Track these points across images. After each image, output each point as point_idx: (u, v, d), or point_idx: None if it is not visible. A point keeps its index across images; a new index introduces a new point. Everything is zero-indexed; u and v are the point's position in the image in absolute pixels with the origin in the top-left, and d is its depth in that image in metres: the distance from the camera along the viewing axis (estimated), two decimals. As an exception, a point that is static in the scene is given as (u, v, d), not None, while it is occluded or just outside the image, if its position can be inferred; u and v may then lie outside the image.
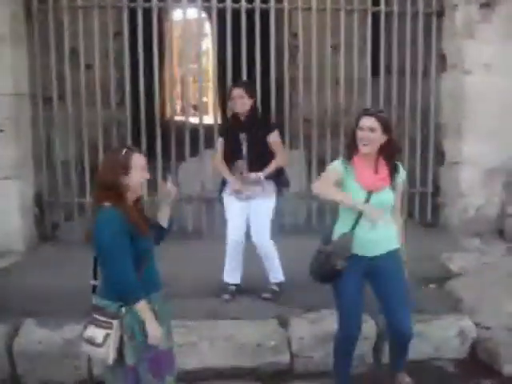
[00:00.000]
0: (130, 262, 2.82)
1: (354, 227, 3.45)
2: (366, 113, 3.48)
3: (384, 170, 3.48)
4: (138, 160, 2.93)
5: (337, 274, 3.46)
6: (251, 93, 4.72)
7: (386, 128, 3.43)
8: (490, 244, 5.78)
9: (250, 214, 4.67)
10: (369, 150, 3.43)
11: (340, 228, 3.52)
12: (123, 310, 2.84)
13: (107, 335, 2.83)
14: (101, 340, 2.83)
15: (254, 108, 4.72)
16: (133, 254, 2.84)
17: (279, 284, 4.74)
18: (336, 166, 3.53)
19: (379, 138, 3.41)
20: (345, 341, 3.64)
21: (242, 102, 4.61)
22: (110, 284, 2.87)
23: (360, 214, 3.41)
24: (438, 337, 4.26)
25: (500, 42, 5.88)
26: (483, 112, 5.90)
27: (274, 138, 4.71)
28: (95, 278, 3.02)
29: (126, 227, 2.82)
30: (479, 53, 5.87)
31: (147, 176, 3.01)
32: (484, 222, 6.07)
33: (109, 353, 2.83)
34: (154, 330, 2.88)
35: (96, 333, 2.85)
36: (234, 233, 4.67)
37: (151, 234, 3.01)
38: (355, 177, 3.46)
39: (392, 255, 3.53)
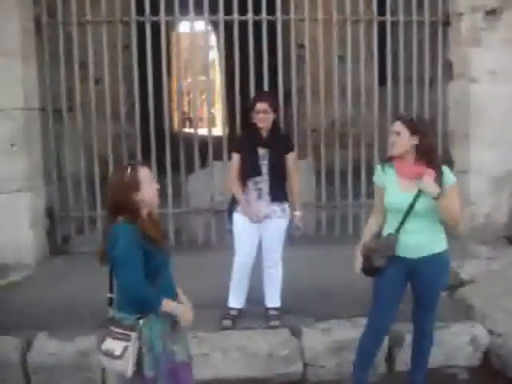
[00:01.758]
0: (142, 274, 2.84)
1: (398, 230, 3.52)
2: (395, 117, 3.63)
3: (428, 172, 3.44)
4: (146, 173, 2.95)
5: (377, 270, 3.56)
6: (275, 106, 4.50)
7: (414, 130, 3.46)
8: (499, 251, 5.77)
9: (263, 232, 4.49)
10: (394, 152, 3.52)
11: (387, 231, 3.59)
12: (141, 321, 2.86)
13: (126, 347, 2.83)
14: (119, 352, 2.83)
15: (276, 123, 4.54)
16: (149, 267, 2.86)
17: (277, 309, 4.57)
18: (376, 175, 3.68)
19: (406, 140, 3.46)
20: (371, 336, 3.69)
21: (266, 117, 4.39)
22: (125, 295, 2.89)
23: (405, 218, 3.48)
24: (451, 344, 4.26)
25: (506, 49, 5.90)
26: (490, 120, 5.91)
27: (293, 158, 4.57)
28: (111, 291, 3.03)
29: (140, 241, 2.84)
30: (485, 60, 5.89)
31: (157, 186, 3.03)
32: (492, 229, 6.07)
33: (128, 365, 2.83)
34: (183, 312, 2.97)
35: (114, 345, 2.85)
36: (242, 257, 4.46)
37: (167, 245, 3.03)
38: (396, 177, 3.55)
39: (435, 258, 3.56)
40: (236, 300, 4.57)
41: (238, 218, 4.51)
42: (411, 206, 3.46)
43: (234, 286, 4.56)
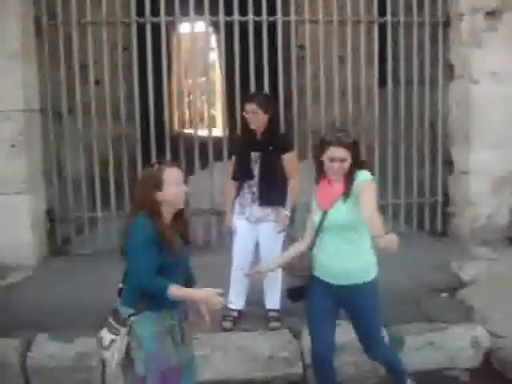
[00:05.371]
0: (152, 266, 2.81)
1: (310, 248, 3.43)
2: (334, 141, 3.27)
3: (340, 185, 3.33)
4: (172, 174, 2.92)
5: (299, 293, 3.50)
6: (266, 107, 4.33)
7: (355, 154, 3.31)
8: (500, 252, 5.75)
9: (259, 236, 4.47)
10: (338, 177, 3.33)
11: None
12: (132, 318, 2.86)
13: (112, 341, 2.87)
14: (107, 344, 2.88)
15: (270, 123, 4.40)
16: (159, 265, 2.85)
17: (278, 310, 4.56)
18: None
19: (348, 164, 3.30)
20: (314, 359, 3.58)
21: (255, 118, 4.31)
22: (133, 286, 2.88)
23: (316, 234, 3.38)
24: (452, 346, 4.25)
25: (507, 50, 5.89)
26: (491, 121, 5.91)
27: (290, 159, 4.41)
28: (124, 282, 3.02)
29: (156, 237, 2.83)
30: (486, 62, 5.88)
31: (185, 188, 2.99)
32: (494, 230, 6.06)
33: (112, 358, 2.87)
34: (202, 295, 2.89)
35: (105, 335, 2.91)
36: (240, 259, 4.46)
37: (184, 252, 2.99)
38: (316, 197, 3.45)
39: (360, 289, 3.35)
40: (235, 301, 4.56)
41: (235, 221, 4.53)
42: (321, 222, 3.34)
43: (232, 287, 4.56)
